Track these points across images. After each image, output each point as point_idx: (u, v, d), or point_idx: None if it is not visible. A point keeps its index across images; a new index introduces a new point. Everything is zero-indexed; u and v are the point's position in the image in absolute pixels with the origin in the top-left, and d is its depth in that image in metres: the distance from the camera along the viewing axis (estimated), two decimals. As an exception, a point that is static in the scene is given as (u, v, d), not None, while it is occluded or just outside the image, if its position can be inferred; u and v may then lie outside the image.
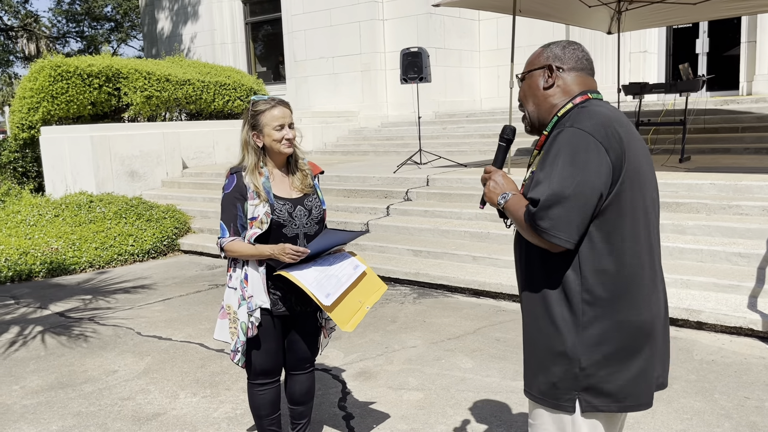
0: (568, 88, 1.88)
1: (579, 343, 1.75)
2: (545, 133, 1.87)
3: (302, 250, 2.60)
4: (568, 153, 1.69)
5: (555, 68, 1.89)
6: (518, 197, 1.84)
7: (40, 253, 7.31)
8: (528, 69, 1.95)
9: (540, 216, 1.68)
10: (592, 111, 1.76)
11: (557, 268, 1.76)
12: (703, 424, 3.26)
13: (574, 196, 1.66)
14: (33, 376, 4.26)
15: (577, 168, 1.67)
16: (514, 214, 1.82)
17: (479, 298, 5.60)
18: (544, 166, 1.73)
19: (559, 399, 1.80)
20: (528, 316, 1.89)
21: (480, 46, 14.41)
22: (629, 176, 1.73)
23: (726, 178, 6.19)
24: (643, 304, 1.77)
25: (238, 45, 16.70)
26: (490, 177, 1.94)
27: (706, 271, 5.07)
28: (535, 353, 1.86)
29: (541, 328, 1.82)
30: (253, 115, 2.68)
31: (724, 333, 4.50)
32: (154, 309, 5.71)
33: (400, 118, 13.33)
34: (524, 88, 1.96)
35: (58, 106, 10.17)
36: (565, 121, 1.78)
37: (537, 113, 1.92)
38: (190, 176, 10.68)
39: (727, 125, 9.58)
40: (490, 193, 1.91)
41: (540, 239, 1.72)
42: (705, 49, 12.34)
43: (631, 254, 1.74)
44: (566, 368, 1.77)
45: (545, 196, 1.67)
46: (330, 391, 3.84)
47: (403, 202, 7.63)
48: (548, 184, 1.68)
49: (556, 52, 1.91)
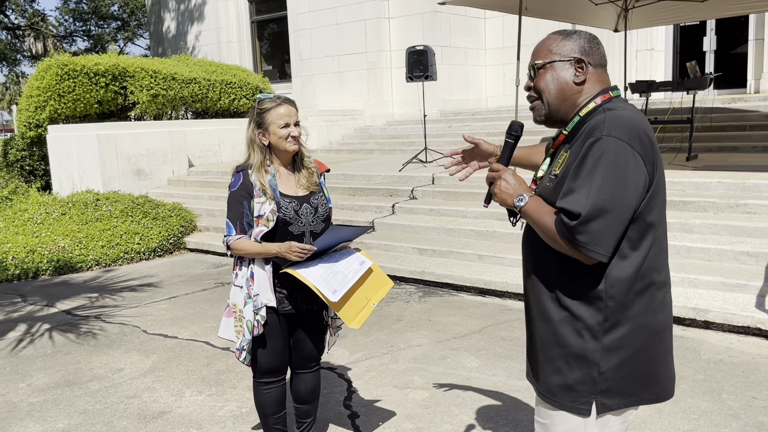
0: (592, 85, 1.82)
1: (599, 348, 1.73)
2: (565, 133, 1.81)
3: (308, 248, 2.59)
4: (608, 165, 1.62)
5: (586, 63, 1.80)
6: (538, 201, 1.77)
7: (47, 252, 7.34)
8: (550, 59, 1.82)
9: (579, 230, 1.62)
10: (625, 117, 1.68)
11: (580, 273, 1.72)
12: (710, 425, 3.24)
13: (613, 211, 1.62)
14: (40, 374, 4.27)
15: (618, 182, 1.62)
16: (536, 219, 1.74)
17: (485, 297, 5.59)
18: (578, 175, 1.65)
19: (575, 402, 1.78)
20: (541, 318, 1.83)
21: (486, 44, 14.37)
22: (658, 183, 1.71)
23: (734, 177, 6.16)
24: (659, 308, 1.77)
25: (244, 43, 16.71)
26: (500, 176, 1.86)
27: (713, 270, 5.04)
28: (550, 355, 1.81)
29: (557, 332, 1.78)
30: (259, 113, 2.68)
31: (732, 332, 4.48)
32: (160, 307, 5.72)
33: (405, 117, 13.31)
34: (546, 78, 1.83)
35: (65, 105, 10.20)
36: (595, 126, 1.68)
37: (559, 107, 1.83)
38: (196, 175, 10.70)
39: (734, 123, 9.53)
40: (501, 193, 1.83)
41: (574, 251, 1.66)
42: (712, 47, 12.27)
43: (653, 259, 1.73)
44: (584, 372, 1.75)
45: (586, 211, 1.61)
46: (335, 389, 3.84)
47: (409, 201, 7.62)
48: (586, 197, 1.62)
49: (584, 46, 1.81)
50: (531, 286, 1.90)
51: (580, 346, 1.74)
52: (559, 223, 1.66)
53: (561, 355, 1.78)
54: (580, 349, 1.74)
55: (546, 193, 1.78)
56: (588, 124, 1.72)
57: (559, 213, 1.67)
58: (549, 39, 1.86)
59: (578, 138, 1.73)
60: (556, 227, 1.67)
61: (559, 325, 1.77)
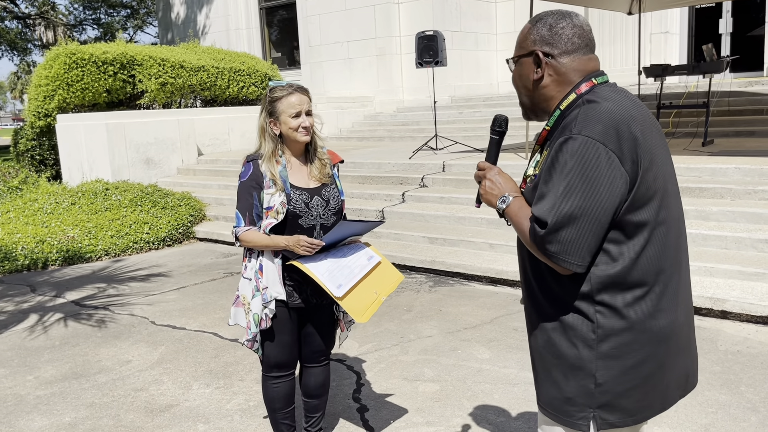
0: (563, 77, 1.64)
1: (594, 357, 1.60)
2: (547, 128, 1.67)
3: (317, 243, 2.53)
4: (577, 167, 1.49)
5: (543, 56, 1.64)
6: (520, 202, 1.66)
7: (56, 242, 7.32)
8: (517, 54, 1.71)
9: (548, 240, 1.51)
10: (602, 110, 1.53)
11: (564, 279, 1.61)
12: (728, 418, 3.16)
13: (584, 217, 1.49)
14: (47, 366, 4.25)
15: (588, 185, 1.49)
16: (516, 223, 1.63)
17: (496, 287, 5.51)
18: (550, 178, 1.53)
19: (572, 416, 1.66)
20: (535, 326, 1.73)
21: (497, 28, 14.18)
22: (647, 179, 1.55)
23: (751, 162, 6.01)
24: (664, 311, 1.61)
25: (253, 30, 16.61)
26: (485, 175, 1.74)
27: (730, 258, 4.93)
28: (545, 366, 1.71)
29: (550, 341, 1.67)
30: (270, 102, 2.60)
31: (750, 322, 4.37)
32: (168, 298, 5.69)
33: (415, 103, 13.18)
34: (515, 75, 1.74)
35: (74, 94, 10.17)
36: (571, 122, 1.55)
37: (531, 104, 1.73)
38: (205, 163, 10.65)
39: (751, 107, 9.33)
40: (486, 194, 1.72)
41: (548, 260, 1.56)
42: (728, 29, 12.02)
43: (651, 259, 1.58)
44: (581, 384, 1.63)
45: (553, 219, 1.50)
46: (344, 382, 3.78)
47: (419, 189, 7.53)
48: (555, 203, 1.50)
49: (543, 34, 1.64)
50: (524, 292, 1.79)
51: (575, 356, 1.62)
52: (531, 231, 1.56)
53: (557, 365, 1.67)
54: (575, 360, 1.62)
55: (527, 194, 1.67)
56: (566, 119, 1.59)
57: (531, 220, 1.57)
58: (522, 28, 1.73)
59: (557, 135, 1.59)
60: (529, 234, 1.57)
61: (552, 334, 1.66)
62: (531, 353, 1.80)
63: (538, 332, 1.72)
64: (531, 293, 1.74)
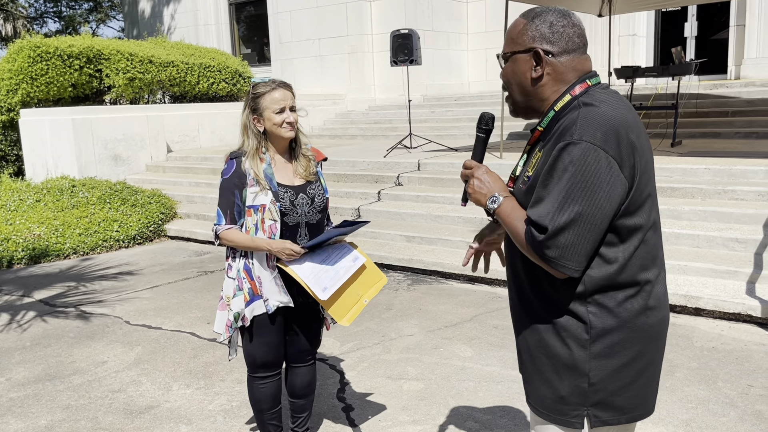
0: (560, 76, 1.63)
1: (588, 357, 1.61)
2: (540, 129, 1.65)
3: (300, 251, 2.51)
4: (578, 173, 1.48)
5: (543, 54, 1.61)
6: (511, 203, 1.64)
7: (22, 240, 7.12)
8: (511, 50, 1.67)
9: (547, 245, 1.50)
10: (601, 114, 1.52)
11: (557, 280, 1.61)
12: (708, 413, 3.22)
13: (584, 223, 1.49)
14: (19, 368, 4.12)
15: (589, 192, 1.48)
16: (509, 224, 1.62)
17: (474, 285, 5.53)
18: (548, 182, 1.52)
19: (566, 415, 1.67)
20: (525, 326, 1.72)
21: (468, 28, 14.26)
22: (641, 184, 1.57)
23: (720, 163, 6.16)
24: (653, 309, 1.64)
25: (222, 26, 16.40)
26: (473, 174, 1.71)
27: (703, 256, 5.03)
28: (537, 366, 1.70)
29: (542, 341, 1.67)
30: (253, 98, 2.56)
31: (723, 319, 4.47)
32: (142, 297, 5.57)
33: (387, 101, 13.18)
34: (508, 71, 1.70)
35: (38, 88, 9.90)
36: (570, 126, 1.53)
37: (525, 103, 1.70)
38: (175, 160, 10.48)
39: (717, 109, 9.56)
40: (475, 193, 1.69)
41: (544, 264, 1.55)
42: (693, 33, 12.31)
43: (641, 258, 1.60)
44: (574, 383, 1.63)
45: (553, 225, 1.49)
46: (328, 381, 3.75)
47: (395, 187, 7.53)
48: (555, 208, 1.49)
49: (544, 32, 1.61)
50: (513, 293, 1.78)
51: (568, 356, 1.62)
52: (528, 234, 1.55)
53: (550, 365, 1.67)
54: (568, 359, 1.63)
55: (519, 195, 1.66)
56: (562, 121, 1.58)
57: (528, 223, 1.56)
58: (515, 23, 1.69)
59: (552, 136, 1.59)
60: (525, 237, 1.56)
61: (544, 334, 1.66)
62: (520, 353, 1.79)
63: (530, 333, 1.71)
64: (522, 294, 1.73)
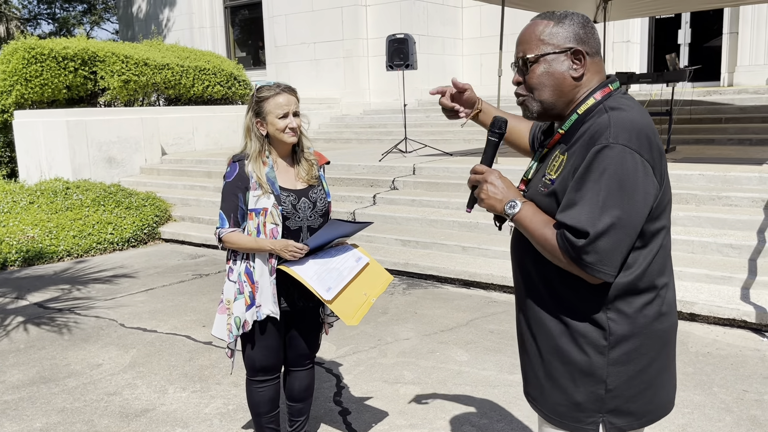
0: (591, 77, 1.61)
1: (606, 363, 1.59)
2: (561, 132, 1.63)
3: (303, 248, 2.50)
4: (616, 177, 1.46)
5: (584, 54, 1.59)
6: (532, 209, 1.60)
7: (15, 242, 7.08)
8: (544, 50, 1.60)
9: (586, 250, 1.47)
10: (631, 119, 1.51)
11: (579, 286, 1.58)
12: (704, 419, 3.24)
13: (622, 228, 1.47)
14: (13, 370, 4.10)
15: (627, 196, 1.47)
16: (532, 230, 1.58)
17: (470, 289, 5.54)
18: (582, 186, 1.49)
19: (581, 422, 1.65)
20: (536, 332, 1.69)
21: (463, 33, 14.31)
22: (665, 187, 1.57)
23: (714, 169, 6.20)
24: (666, 313, 1.64)
25: (217, 29, 16.39)
26: (485, 179, 1.65)
27: (697, 262, 5.06)
28: (552, 373, 1.67)
29: (557, 348, 1.64)
30: (257, 102, 2.56)
31: (717, 325, 4.50)
32: (136, 299, 5.55)
33: (382, 106, 13.20)
34: (538, 73, 1.61)
35: (32, 90, 9.86)
36: (599, 130, 1.51)
37: (554, 104, 1.62)
38: (170, 163, 10.45)
39: (710, 116, 9.63)
40: (489, 199, 1.64)
41: (578, 270, 1.52)
42: (687, 40, 12.40)
43: (659, 263, 1.60)
44: (591, 390, 1.61)
45: (595, 230, 1.46)
46: (324, 385, 3.75)
47: (390, 191, 7.54)
48: (593, 213, 1.47)
49: (579, 33, 1.59)
50: (523, 297, 1.74)
51: (586, 362, 1.60)
52: (563, 240, 1.51)
53: (565, 372, 1.64)
54: (585, 366, 1.61)
55: (539, 199, 1.62)
56: (589, 124, 1.55)
57: (561, 228, 1.52)
58: (537, 24, 1.63)
59: (578, 140, 1.56)
60: (558, 243, 1.52)
61: (559, 340, 1.63)
62: (528, 359, 1.76)
63: (542, 339, 1.68)
64: (534, 299, 1.69)
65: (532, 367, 1.75)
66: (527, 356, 1.77)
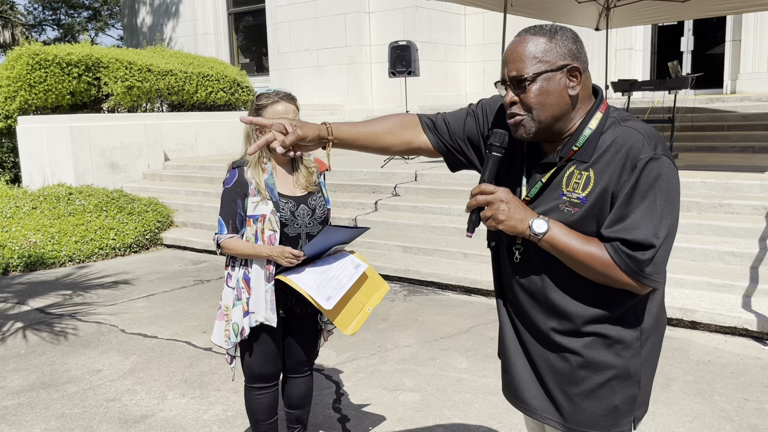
0: (585, 94, 1.59)
1: (638, 363, 1.63)
2: (575, 149, 1.57)
3: (300, 254, 2.50)
4: (665, 188, 1.48)
5: (580, 71, 1.56)
6: (562, 226, 1.54)
7: (17, 247, 7.10)
8: (540, 69, 1.53)
9: (649, 262, 1.49)
10: (649, 128, 1.54)
11: (617, 297, 1.59)
12: (704, 427, 3.22)
13: (672, 236, 1.52)
14: (13, 376, 4.10)
15: (673, 206, 1.51)
16: (572, 248, 1.52)
17: (470, 296, 5.53)
18: (633, 201, 1.49)
19: (617, 424, 1.66)
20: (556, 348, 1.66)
21: (466, 40, 14.34)
22: None
23: (716, 177, 6.19)
24: (663, 305, 1.72)
25: (221, 36, 16.45)
26: (498, 198, 1.54)
27: (699, 270, 5.05)
28: (584, 386, 1.65)
29: (593, 361, 1.63)
30: (256, 109, 2.57)
31: (719, 333, 4.48)
32: (137, 305, 5.56)
33: (385, 112, 13.12)
34: (536, 92, 1.54)
35: (36, 96, 9.90)
36: (633, 144, 1.50)
37: (553, 123, 1.57)
38: (173, 169, 10.47)
39: (712, 123, 9.62)
40: (510, 219, 1.53)
41: (634, 282, 1.52)
42: (690, 47, 12.39)
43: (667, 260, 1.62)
44: (628, 392, 1.65)
45: (659, 241, 1.48)
46: (323, 392, 3.74)
47: (392, 198, 7.54)
48: (655, 224, 1.48)
49: (573, 49, 1.55)
50: (537, 316, 1.68)
51: (623, 367, 1.62)
52: (621, 255, 1.50)
53: (602, 382, 1.63)
54: (623, 371, 1.62)
55: (564, 218, 1.56)
56: (610, 138, 1.53)
57: (614, 243, 1.50)
58: (528, 41, 1.55)
59: (603, 155, 1.53)
60: (612, 257, 1.50)
61: (596, 354, 1.62)
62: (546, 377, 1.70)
63: (565, 354, 1.65)
64: (559, 315, 1.64)
65: (553, 387, 1.70)
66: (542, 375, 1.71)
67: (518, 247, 1.67)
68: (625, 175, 1.49)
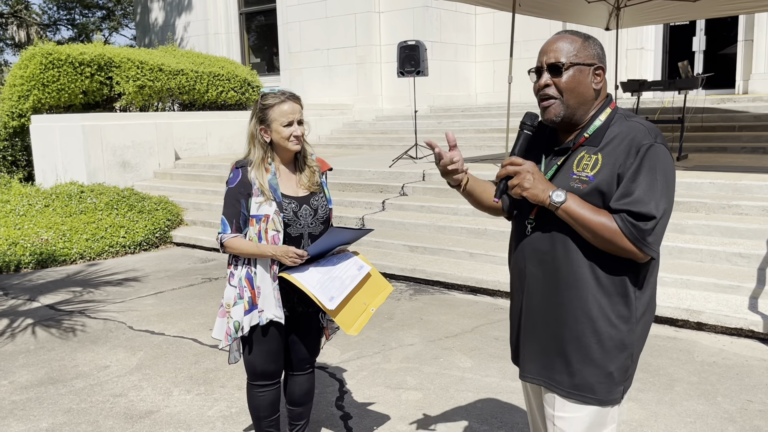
0: (603, 93, 1.88)
1: (634, 338, 1.83)
2: (586, 136, 1.83)
3: (303, 254, 2.53)
4: (664, 170, 1.73)
5: (604, 71, 1.86)
6: (577, 198, 1.76)
7: (29, 244, 7.19)
8: (577, 61, 1.80)
9: (651, 232, 1.71)
10: (650, 123, 1.80)
11: (619, 270, 1.79)
12: (707, 428, 3.22)
13: (669, 213, 1.74)
14: (22, 371, 4.16)
15: (670, 186, 1.75)
16: (585, 217, 1.73)
17: (476, 296, 5.54)
18: (637, 179, 1.72)
19: (610, 393, 1.84)
20: (576, 317, 1.82)
21: (476, 40, 14.32)
22: None
23: (725, 178, 6.15)
24: (655, 284, 1.91)
25: (232, 35, 16.53)
26: (526, 169, 1.77)
27: (705, 271, 5.03)
28: (586, 354, 1.83)
29: (597, 329, 1.81)
30: (262, 109, 2.59)
31: (725, 334, 4.46)
32: (146, 303, 5.61)
33: (394, 112, 13.23)
34: (571, 79, 1.79)
35: (49, 95, 10.01)
36: (636, 133, 1.75)
37: (576, 110, 1.82)
38: (183, 167, 10.55)
39: (723, 124, 9.55)
40: (533, 188, 1.75)
41: (636, 251, 1.73)
42: (701, 47, 12.31)
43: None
44: (622, 362, 1.84)
45: (659, 214, 1.71)
46: (327, 389, 3.77)
47: (399, 197, 7.56)
48: (654, 200, 1.71)
49: (599, 52, 1.85)
50: (547, 290, 1.87)
51: (619, 337, 1.82)
52: (627, 224, 1.71)
53: (600, 349, 1.82)
54: (620, 342, 1.82)
55: (576, 193, 1.78)
56: (617, 129, 1.79)
57: (621, 214, 1.72)
58: (566, 38, 1.84)
59: (610, 142, 1.78)
60: (620, 226, 1.72)
61: (599, 321, 1.81)
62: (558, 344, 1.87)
63: (574, 322, 1.83)
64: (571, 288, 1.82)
65: (555, 351, 1.88)
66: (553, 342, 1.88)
67: (531, 221, 1.89)
68: (630, 158, 1.73)
